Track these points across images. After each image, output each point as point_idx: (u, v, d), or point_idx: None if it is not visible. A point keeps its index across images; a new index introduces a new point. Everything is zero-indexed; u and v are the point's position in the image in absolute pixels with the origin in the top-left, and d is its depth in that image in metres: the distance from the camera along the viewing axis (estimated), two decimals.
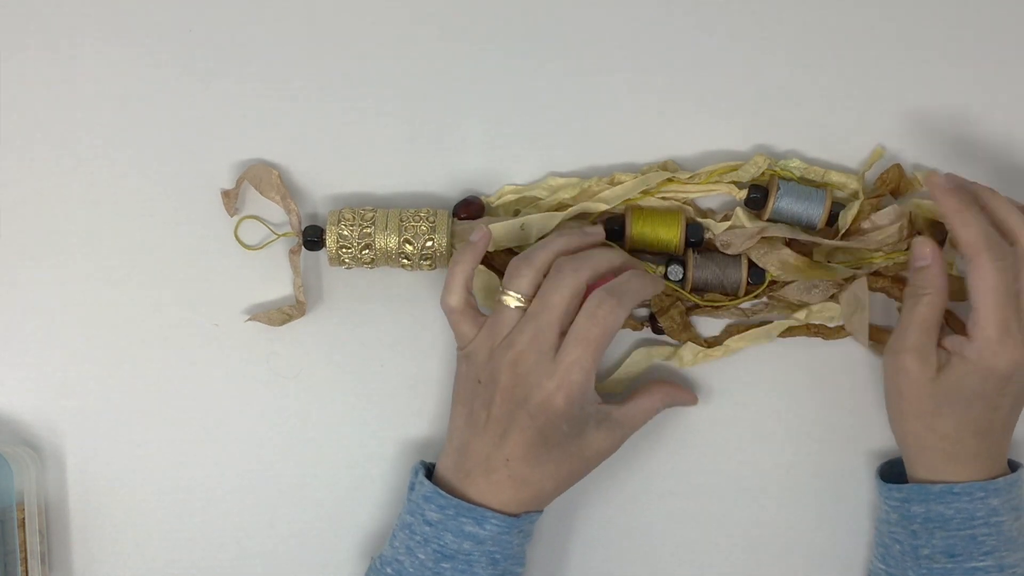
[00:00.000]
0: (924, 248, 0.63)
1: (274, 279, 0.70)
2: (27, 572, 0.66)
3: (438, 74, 0.71)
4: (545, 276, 0.62)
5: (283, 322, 0.69)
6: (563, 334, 0.61)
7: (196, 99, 0.71)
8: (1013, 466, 0.65)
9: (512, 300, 0.62)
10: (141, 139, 0.70)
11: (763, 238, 0.68)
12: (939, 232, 0.69)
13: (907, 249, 0.68)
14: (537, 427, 0.61)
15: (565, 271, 0.62)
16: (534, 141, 0.71)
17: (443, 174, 0.71)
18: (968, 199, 0.62)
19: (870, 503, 0.69)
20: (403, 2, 0.71)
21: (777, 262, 0.68)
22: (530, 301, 0.62)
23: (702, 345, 0.69)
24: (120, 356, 0.69)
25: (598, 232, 0.65)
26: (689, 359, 0.69)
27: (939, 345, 0.63)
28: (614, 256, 0.64)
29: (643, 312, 0.70)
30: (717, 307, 0.69)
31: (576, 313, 0.62)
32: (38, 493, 0.67)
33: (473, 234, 0.65)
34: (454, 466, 0.63)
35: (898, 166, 0.69)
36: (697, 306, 0.69)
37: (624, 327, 0.69)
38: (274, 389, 0.70)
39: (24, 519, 0.66)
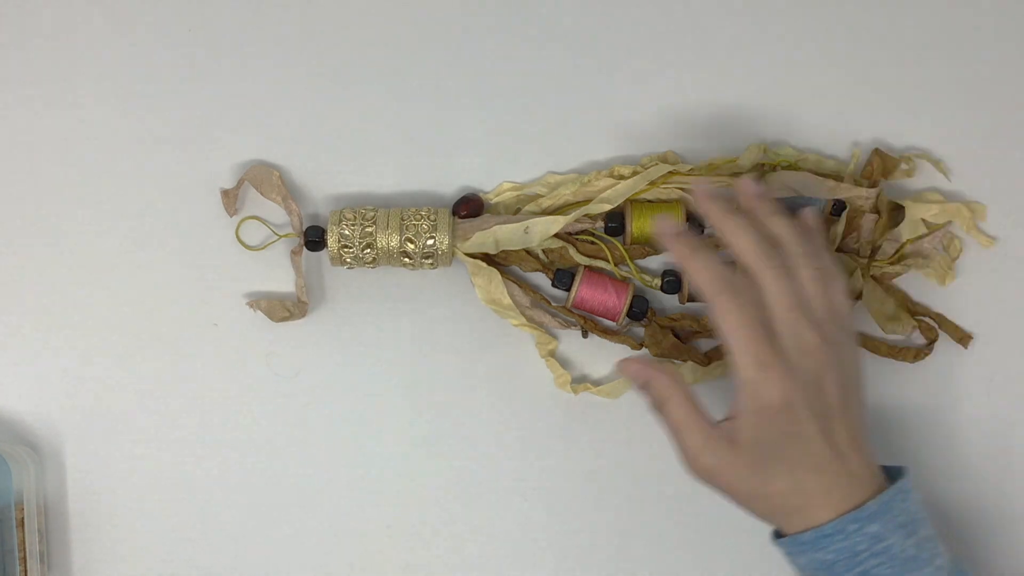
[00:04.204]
0: (629, 370, 0.61)
1: (275, 279, 0.70)
2: (26, 572, 0.65)
3: (437, 73, 0.71)
4: None
5: (282, 319, 0.69)
6: None
7: (196, 99, 0.70)
8: (896, 475, 0.60)
9: None
10: (141, 139, 0.70)
11: None
12: (899, 215, 0.69)
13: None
14: None
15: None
16: (532, 138, 0.71)
17: (442, 173, 0.71)
18: (696, 242, 0.60)
19: None
20: (402, 4, 0.71)
21: None
22: None
23: (701, 363, 0.69)
24: (119, 356, 0.69)
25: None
26: (690, 378, 0.69)
27: (718, 423, 0.59)
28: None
29: (641, 331, 0.70)
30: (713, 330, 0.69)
31: None
32: (37, 492, 0.67)
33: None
34: None
35: (877, 151, 0.69)
36: (696, 332, 0.69)
37: (623, 344, 0.70)
38: (274, 389, 0.70)
39: (23, 518, 0.66)
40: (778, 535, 0.60)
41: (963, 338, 0.69)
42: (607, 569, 0.70)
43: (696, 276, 0.59)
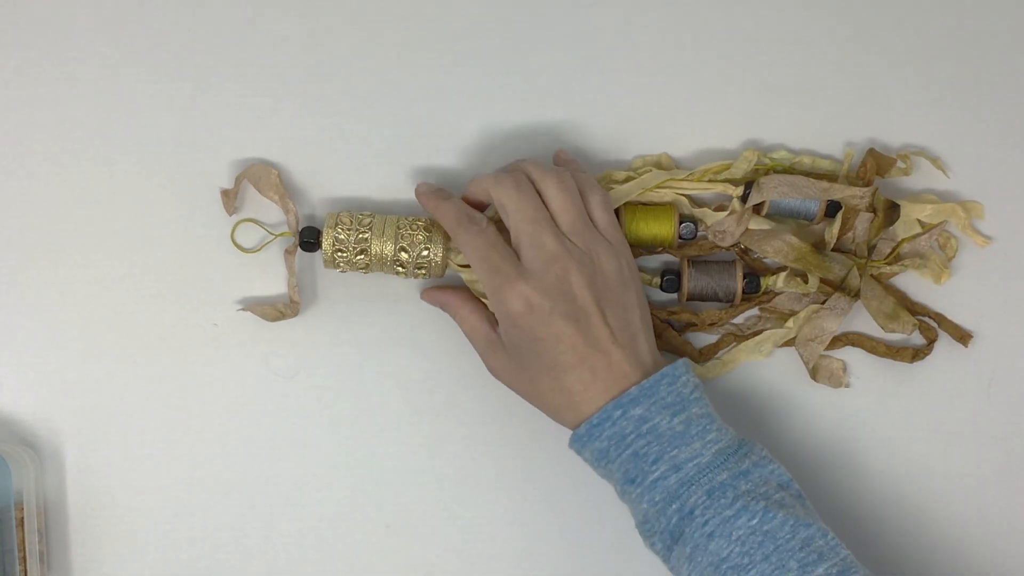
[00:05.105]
0: (429, 297, 0.69)
1: (274, 278, 0.70)
2: (26, 571, 0.65)
3: (435, 75, 0.71)
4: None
5: (276, 318, 0.69)
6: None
7: (195, 99, 0.71)
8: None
9: None
10: (140, 139, 0.71)
11: (762, 229, 0.69)
12: (895, 213, 0.70)
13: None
14: None
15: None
16: (531, 141, 0.71)
17: (441, 175, 0.71)
18: (442, 194, 0.66)
19: (864, 499, 0.70)
20: (402, 4, 0.72)
21: (779, 246, 0.68)
22: None
23: (695, 359, 0.69)
24: (119, 356, 0.69)
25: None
26: None
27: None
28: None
29: None
30: (711, 325, 0.69)
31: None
32: (37, 492, 0.67)
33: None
34: None
35: (872, 151, 0.69)
36: (692, 324, 0.70)
37: None
38: (273, 389, 0.70)
39: (23, 518, 0.66)
40: None
41: (963, 337, 0.70)
42: (608, 569, 0.70)
43: (441, 219, 0.65)
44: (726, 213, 0.69)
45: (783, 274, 0.69)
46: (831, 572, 0.58)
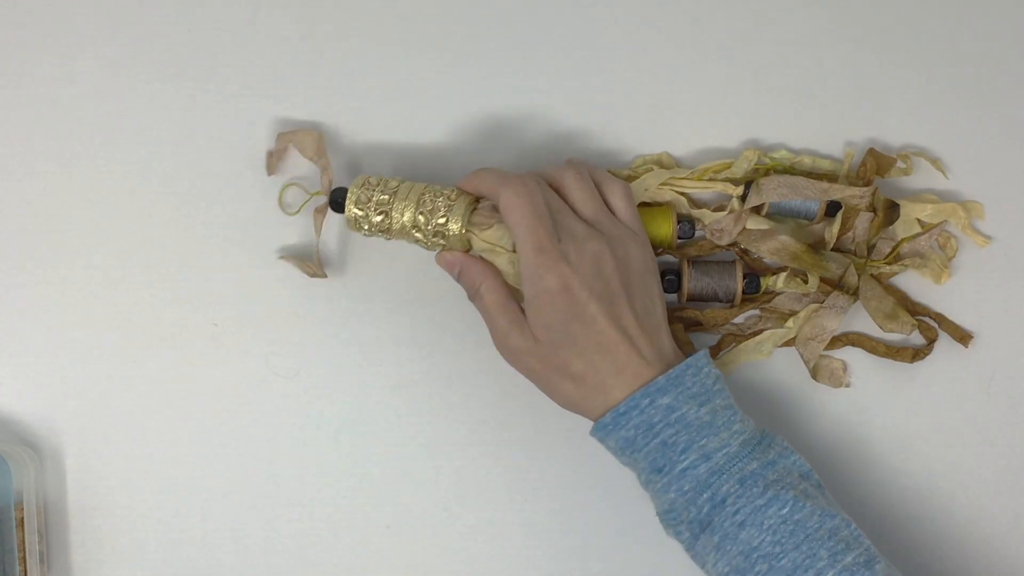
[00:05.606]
0: (445, 259, 0.66)
1: (274, 278, 0.70)
2: (26, 571, 0.66)
3: (435, 75, 0.72)
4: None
5: (311, 274, 0.69)
6: None
7: (195, 99, 0.71)
8: None
9: None
10: (140, 139, 0.71)
11: (759, 229, 0.69)
12: (895, 213, 0.70)
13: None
14: None
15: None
16: (532, 141, 0.71)
17: (440, 176, 0.71)
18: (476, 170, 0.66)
19: (865, 498, 0.70)
20: (402, 4, 0.72)
21: (776, 246, 0.68)
22: None
23: None
24: (119, 356, 0.70)
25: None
26: None
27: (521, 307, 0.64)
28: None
29: None
30: (712, 325, 0.69)
31: None
32: (37, 492, 0.67)
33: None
34: None
35: (872, 150, 0.70)
36: (698, 323, 0.70)
37: None
38: (274, 389, 0.70)
39: (23, 518, 0.66)
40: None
41: (963, 337, 0.70)
42: (609, 568, 0.70)
43: (481, 184, 0.64)
44: (725, 212, 0.69)
45: (783, 274, 0.69)
46: (859, 561, 0.59)
